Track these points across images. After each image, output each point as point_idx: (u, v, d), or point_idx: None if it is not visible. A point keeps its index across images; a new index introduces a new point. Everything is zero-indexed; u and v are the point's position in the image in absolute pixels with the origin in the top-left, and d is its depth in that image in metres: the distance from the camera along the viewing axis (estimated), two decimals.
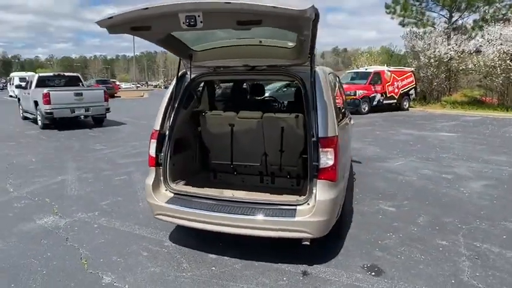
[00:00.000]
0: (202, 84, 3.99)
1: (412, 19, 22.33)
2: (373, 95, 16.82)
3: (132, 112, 17.89)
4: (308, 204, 2.89)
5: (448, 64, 20.26)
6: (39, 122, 11.55)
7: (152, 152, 3.28)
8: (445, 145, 8.85)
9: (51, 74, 13.84)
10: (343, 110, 4.33)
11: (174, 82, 3.40)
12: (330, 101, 3.03)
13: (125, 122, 13.34)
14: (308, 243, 2.94)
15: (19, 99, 14.19)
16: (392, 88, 17.74)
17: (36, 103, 11.38)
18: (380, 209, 4.55)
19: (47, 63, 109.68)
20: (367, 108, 16.40)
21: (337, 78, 5.43)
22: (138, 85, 62.89)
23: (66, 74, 13.75)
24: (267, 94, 12.43)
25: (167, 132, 3.30)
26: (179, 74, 3.41)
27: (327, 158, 2.87)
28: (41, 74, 13.25)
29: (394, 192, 5.22)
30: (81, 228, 3.88)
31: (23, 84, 14.30)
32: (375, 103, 16.91)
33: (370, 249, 3.42)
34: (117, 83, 45.72)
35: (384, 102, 17.35)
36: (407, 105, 18.59)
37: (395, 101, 17.92)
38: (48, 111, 10.76)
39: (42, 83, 12.31)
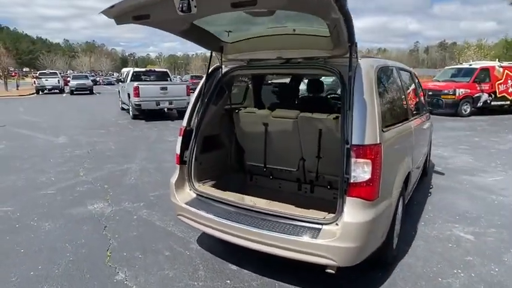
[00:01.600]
0: (240, 79, 3.72)
1: None
2: (477, 94, 14.38)
3: None
4: (337, 224, 2.40)
5: None
6: (130, 113, 12.78)
7: (178, 148, 3.14)
8: None
9: (144, 69, 15.22)
10: (406, 110, 3.60)
11: (204, 77, 3.20)
12: (373, 101, 2.46)
13: None
14: (333, 271, 2.44)
15: (119, 92, 15.97)
16: (505, 87, 14.91)
17: (129, 95, 12.61)
18: (452, 236, 3.68)
19: (156, 60, 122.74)
20: (468, 110, 14.13)
21: (410, 74, 4.61)
22: None
23: (157, 69, 14.97)
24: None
25: (194, 129, 3.12)
26: (211, 68, 3.20)
27: (362, 171, 2.33)
28: (135, 69, 14.67)
29: (478, 215, 4.21)
30: (122, 218, 4.00)
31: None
32: (480, 104, 14.45)
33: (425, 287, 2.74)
34: None
35: (493, 103, 14.72)
36: None
37: (508, 102, 15.07)
38: (137, 103, 11.82)
39: (136, 77, 13.63)
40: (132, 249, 3.26)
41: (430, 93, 15.01)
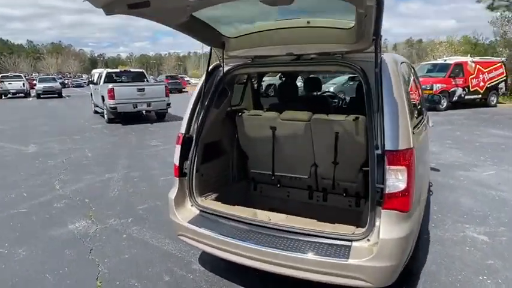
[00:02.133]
0: (240, 79, 3.38)
1: (503, 1, 19.26)
2: (453, 89, 14.72)
3: None
4: (368, 240, 2.12)
5: None
6: (105, 116, 12.07)
7: (176, 159, 2.76)
8: None
9: (118, 70, 14.48)
10: (420, 109, 3.39)
11: (203, 77, 2.83)
12: (403, 101, 2.20)
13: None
14: None
15: (91, 94, 15.14)
16: (477, 81, 15.37)
17: (103, 98, 11.90)
18: (467, 237, 3.52)
19: (127, 61, 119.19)
20: (445, 104, 14.41)
21: (413, 70, 4.43)
22: None
23: (132, 70, 14.29)
24: (331, 89, 11.48)
25: (194, 136, 2.76)
26: (210, 66, 2.83)
27: (396, 180, 2.06)
28: (109, 70, 13.91)
29: (485, 213, 4.10)
30: (109, 237, 3.56)
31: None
32: (455, 98, 14.81)
33: None
34: (186, 78, 47.61)
35: (466, 97, 15.12)
36: (495, 101, 16.07)
37: (480, 96, 15.55)
38: (113, 105, 11.15)
39: (110, 78, 12.91)
40: (126, 276, 2.85)
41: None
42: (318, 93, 4.67)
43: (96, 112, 14.35)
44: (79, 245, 3.39)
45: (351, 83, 11.97)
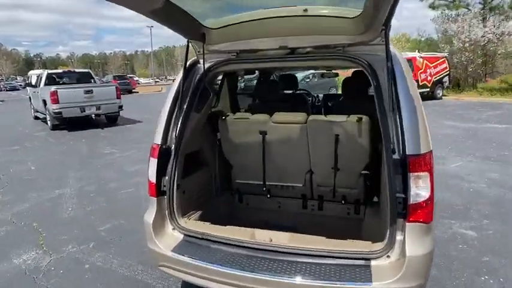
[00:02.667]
0: (220, 77, 2.98)
1: (443, 0, 20.65)
2: None
3: (149, 108, 17.15)
4: (388, 257, 1.85)
5: (485, 48, 18.58)
6: (49, 123, 10.87)
7: (152, 175, 2.30)
8: (501, 140, 7.59)
9: (61, 70, 13.16)
10: None
11: (180, 75, 2.39)
12: (418, 98, 1.97)
13: (140, 119, 12.55)
14: None
15: (30, 98, 13.63)
16: (425, 76, 16.25)
17: (44, 102, 10.70)
18: (456, 234, 3.47)
19: (68, 61, 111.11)
20: None
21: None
22: (157, 80, 63.29)
23: (76, 70, 13.08)
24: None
25: (173, 147, 2.31)
26: (188, 62, 2.39)
27: (419, 188, 1.82)
28: (49, 71, 12.56)
29: (465, 206, 4.12)
30: (68, 270, 2.97)
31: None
32: None
33: None
34: (135, 78, 45.43)
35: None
36: (440, 94, 17.12)
37: (428, 89, 16.46)
38: (57, 110, 10.04)
39: (51, 80, 11.66)
40: None
41: None
42: (295, 91, 4.41)
43: (37, 118, 12.93)
44: (29, 284, 2.77)
45: (315, 79, 11.94)
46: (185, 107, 2.35)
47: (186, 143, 2.37)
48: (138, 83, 43.83)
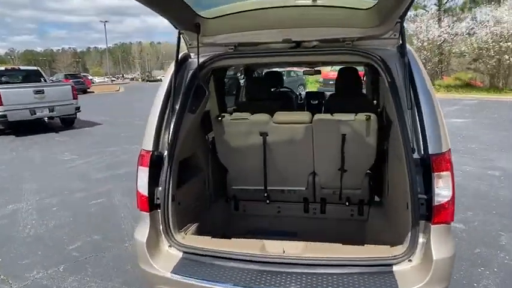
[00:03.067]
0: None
1: None
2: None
3: (108, 109, 16.25)
4: (410, 261, 1.75)
5: (441, 47, 19.80)
6: None
7: (143, 187, 1.97)
8: (465, 133, 8.04)
9: (3, 68, 11.85)
10: None
11: (171, 71, 2.06)
12: (435, 94, 1.87)
13: (100, 121, 11.76)
14: None
15: None
16: None
17: None
18: None
19: (7, 58, 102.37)
20: None
21: None
22: (113, 79, 61.07)
23: (22, 68, 11.87)
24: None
25: (166, 153, 1.99)
26: (180, 56, 2.07)
27: (442, 188, 1.73)
28: None
29: None
30: None
31: None
32: None
33: None
34: (89, 77, 42.92)
35: None
36: None
37: None
38: (1, 113, 9.00)
39: None
40: None
41: (331, 82, 15.99)
42: (280, 88, 4.20)
43: None
44: None
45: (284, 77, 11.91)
46: (178, 107, 2.04)
47: (180, 148, 2.06)
48: (93, 82, 41.58)
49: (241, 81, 4.22)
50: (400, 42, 1.91)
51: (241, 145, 2.48)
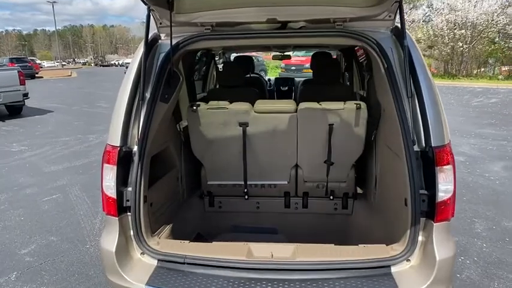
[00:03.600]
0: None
1: None
2: None
3: (59, 95, 15.12)
4: (408, 261, 1.65)
5: None
6: None
7: (110, 188, 1.73)
8: None
9: None
10: None
11: (140, 52, 1.81)
12: (434, 82, 1.77)
13: (51, 108, 10.90)
14: None
15: None
16: None
17: None
18: None
19: None
20: None
21: None
22: (64, 63, 57.94)
23: None
24: None
25: (135, 148, 1.76)
26: (149, 36, 1.82)
27: (445, 182, 1.63)
28: None
29: None
30: None
31: None
32: None
33: None
34: (37, 61, 39.83)
35: None
36: None
37: None
38: None
39: None
40: None
41: (293, 67, 15.98)
42: (251, 74, 4.01)
43: None
44: None
45: None
46: (148, 95, 1.81)
47: (152, 142, 1.84)
48: (41, 67, 38.78)
49: (212, 66, 3.98)
50: (398, 23, 1.75)
51: (218, 137, 2.28)
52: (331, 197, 2.46)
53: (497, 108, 9.90)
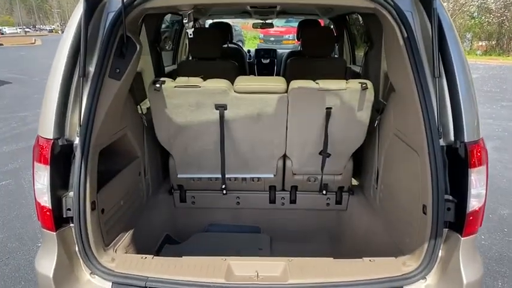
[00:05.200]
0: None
1: None
2: None
3: (20, 65, 13.94)
4: (424, 279, 1.36)
5: None
6: None
7: (42, 194, 1.30)
8: None
9: None
10: None
11: (79, 11, 1.32)
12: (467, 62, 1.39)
13: (9, 79, 9.99)
14: None
15: None
16: None
17: None
18: None
19: None
20: None
21: None
22: (28, 29, 54.47)
23: None
24: None
25: (77, 141, 1.32)
26: None
27: (477, 187, 1.31)
28: None
29: None
30: None
31: None
32: None
33: None
34: None
35: None
36: None
37: None
38: None
39: None
40: None
41: (272, 38, 15.31)
42: (229, 44, 3.53)
43: None
44: None
45: None
46: (92, 69, 1.35)
47: (100, 132, 1.40)
48: (2, 34, 36.06)
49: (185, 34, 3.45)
50: None
51: (189, 122, 1.85)
52: (324, 192, 2.12)
53: (478, 84, 9.83)
